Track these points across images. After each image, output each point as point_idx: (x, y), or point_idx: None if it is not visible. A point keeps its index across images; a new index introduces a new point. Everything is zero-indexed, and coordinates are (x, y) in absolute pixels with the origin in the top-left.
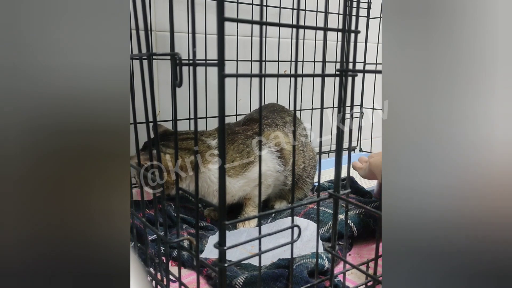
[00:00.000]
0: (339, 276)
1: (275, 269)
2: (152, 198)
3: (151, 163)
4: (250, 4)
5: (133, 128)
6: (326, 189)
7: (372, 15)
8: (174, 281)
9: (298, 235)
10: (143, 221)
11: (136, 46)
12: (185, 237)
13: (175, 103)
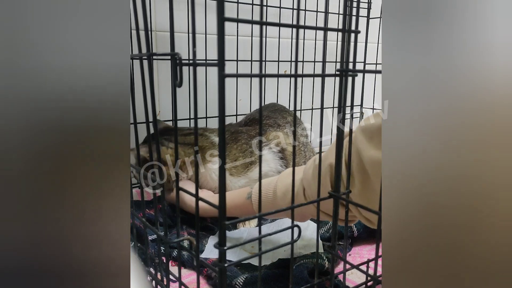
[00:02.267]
0: (339, 276)
1: (275, 269)
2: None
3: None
4: (250, 4)
5: (133, 128)
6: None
7: (372, 15)
8: (174, 281)
9: (298, 235)
10: (143, 221)
11: (136, 46)
12: (185, 237)
13: (175, 103)
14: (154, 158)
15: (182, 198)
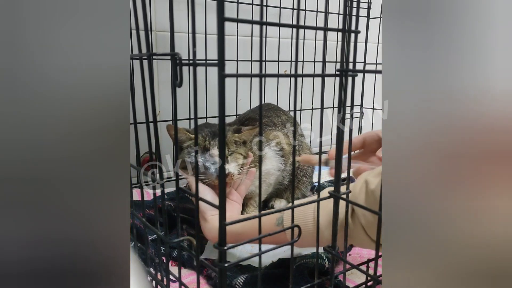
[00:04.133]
0: (339, 276)
1: (275, 269)
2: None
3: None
4: (250, 4)
5: (133, 128)
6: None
7: (372, 15)
8: (174, 281)
9: (298, 235)
10: (143, 221)
11: (136, 46)
12: (185, 237)
13: (175, 103)
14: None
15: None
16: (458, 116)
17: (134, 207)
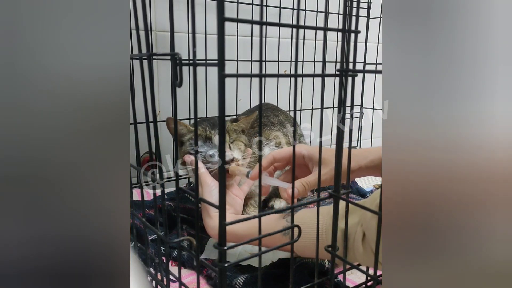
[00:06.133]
0: (339, 276)
1: (275, 269)
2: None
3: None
4: (250, 4)
5: (133, 128)
6: (326, 189)
7: (372, 15)
8: (174, 281)
9: (298, 235)
10: (143, 221)
11: (136, 46)
12: (185, 237)
13: (175, 103)
14: None
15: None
16: (458, 116)
17: (134, 207)
